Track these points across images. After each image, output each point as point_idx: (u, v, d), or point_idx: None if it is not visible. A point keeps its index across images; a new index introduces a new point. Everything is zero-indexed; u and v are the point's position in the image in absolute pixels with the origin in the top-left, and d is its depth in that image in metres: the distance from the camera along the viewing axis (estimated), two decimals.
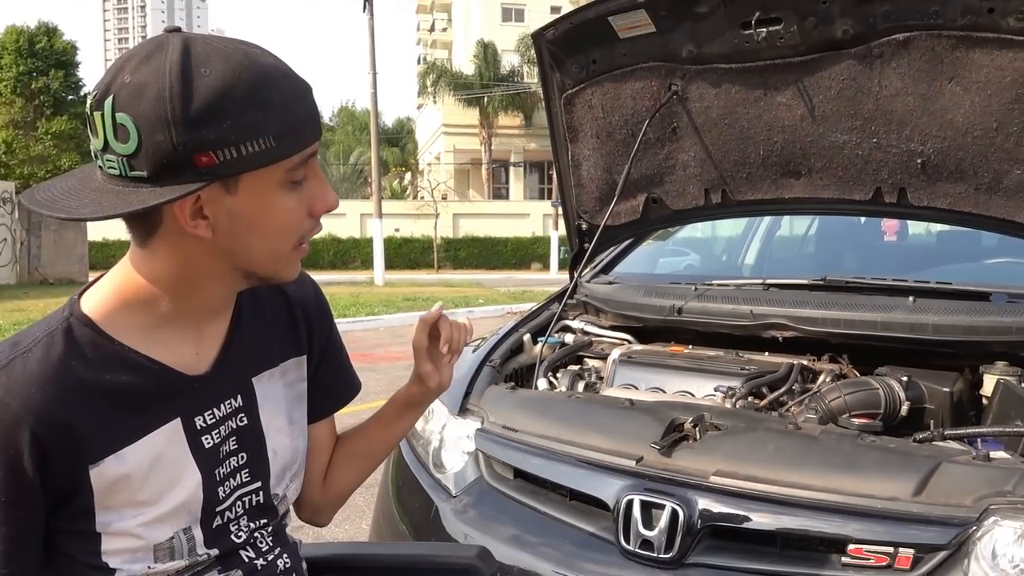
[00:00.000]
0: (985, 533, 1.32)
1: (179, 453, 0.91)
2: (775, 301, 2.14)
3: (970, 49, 1.68)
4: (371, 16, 19.42)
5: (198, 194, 0.81)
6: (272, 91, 0.81)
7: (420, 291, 16.58)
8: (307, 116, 0.85)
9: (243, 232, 0.85)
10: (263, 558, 1.01)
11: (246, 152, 0.80)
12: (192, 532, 0.93)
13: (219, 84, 0.79)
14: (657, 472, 1.58)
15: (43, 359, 0.84)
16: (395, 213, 30.29)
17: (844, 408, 1.74)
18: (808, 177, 2.06)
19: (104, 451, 0.85)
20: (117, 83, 0.79)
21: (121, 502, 0.88)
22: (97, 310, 0.88)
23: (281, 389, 1.05)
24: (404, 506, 2.00)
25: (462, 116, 36.56)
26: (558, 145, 2.39)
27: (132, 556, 0.89)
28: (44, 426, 0.82)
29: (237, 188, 0.83)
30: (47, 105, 25.31)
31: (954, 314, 1.87)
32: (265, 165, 0.82)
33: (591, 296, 2.49)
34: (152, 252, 0.86)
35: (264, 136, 0.80)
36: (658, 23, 1.96)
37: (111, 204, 0.80)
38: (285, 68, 0.85)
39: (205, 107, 0.78)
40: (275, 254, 0.89)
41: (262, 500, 1.02)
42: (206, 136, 0.78)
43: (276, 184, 0.85)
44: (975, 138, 1.77)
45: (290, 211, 0.87)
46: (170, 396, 0.91)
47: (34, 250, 19.17)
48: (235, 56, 0.81)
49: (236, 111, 0.79)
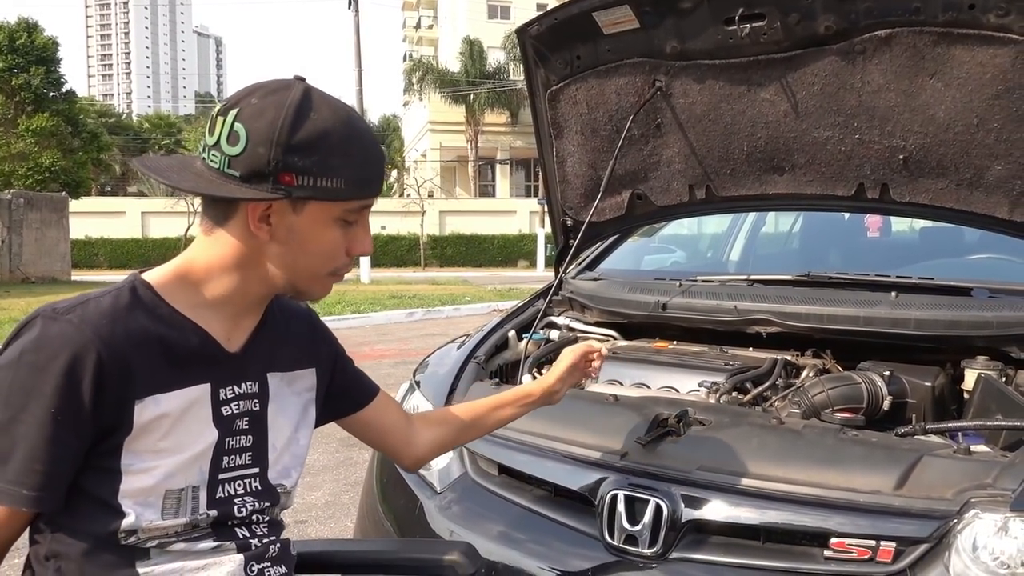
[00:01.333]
0: (966, 526, 1.33)
1: (203, 413, 1.05)
2: (759, 297, 2.15)
3: (951, 45, 1.68)
4: (357, 13, 19.35)
5: (271, 203, 0.99)
6: (358, 147, 1.01)
7: (406, 288, 16.55)
8: (376, 176, 1.05)
9: (294, 246, 1.03)
10: (257, 540, 1.10)
11: (321, 184, 0.98)
12: (199, 492, 1.04)
13: (321, 127, 0.98)
14: (641, 467, 1.58)
15: (113, 303, 1.00)
16: (381, 211, 30.15)
17: (827, 403, 1.75)
18: (791, 173, 2.07)
19: (149, 391, 0.99)
20: (244, 101, 0.98)
21: (147, 446, 0.99)
22: (157, 280, 1.04)
23: (289, 394, 1.18)
24: (389, 503, 1.99)
25: (448, 113, 36.51)
26: (543, 141, 2.38)
27: (144, 500, 0.99)
28: (109, 354, 0.95)
29: (303, 211, 1.01)
30: (28, 102, 24.99)
31: (936, 309, 1.88)
32: (330, 200, 1.00)
33: (576, 292, 2.49)
34: (215, 240, 1.03)
35: (339, 178, 0.99)
36: (642, 19, 1.96)
37: (207, 186, 0.99)
38: (373, 137, 1.05)
39: (304, 140, 0.97)
40: (312, 273, 1.07)
41: (260, 487, 1.11)
42: (295, 162, 0.97)
43: (332, 218, 1.03)
44: (956, 134, 1.78)
45: (335, 243, 1.05)
46: (206, 362, 1.05)
47: (15, 248, 18.97)
48: (341, 112, 1.01)
49: (326, 151, 0.98)
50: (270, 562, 1.10)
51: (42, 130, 24.60)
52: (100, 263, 29.69)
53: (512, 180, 40.26)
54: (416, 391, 2.15)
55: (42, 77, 25.07)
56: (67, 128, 25.75)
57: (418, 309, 12.51)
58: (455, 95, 35.42)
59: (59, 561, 0.99)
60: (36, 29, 25.41)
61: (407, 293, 15.10)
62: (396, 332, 10.35)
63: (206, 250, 1.04)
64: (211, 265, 1.04)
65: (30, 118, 24.73)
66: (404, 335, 9.99)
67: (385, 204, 31.50)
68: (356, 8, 19.27)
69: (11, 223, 18.80)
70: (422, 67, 36.92)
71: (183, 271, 1.05)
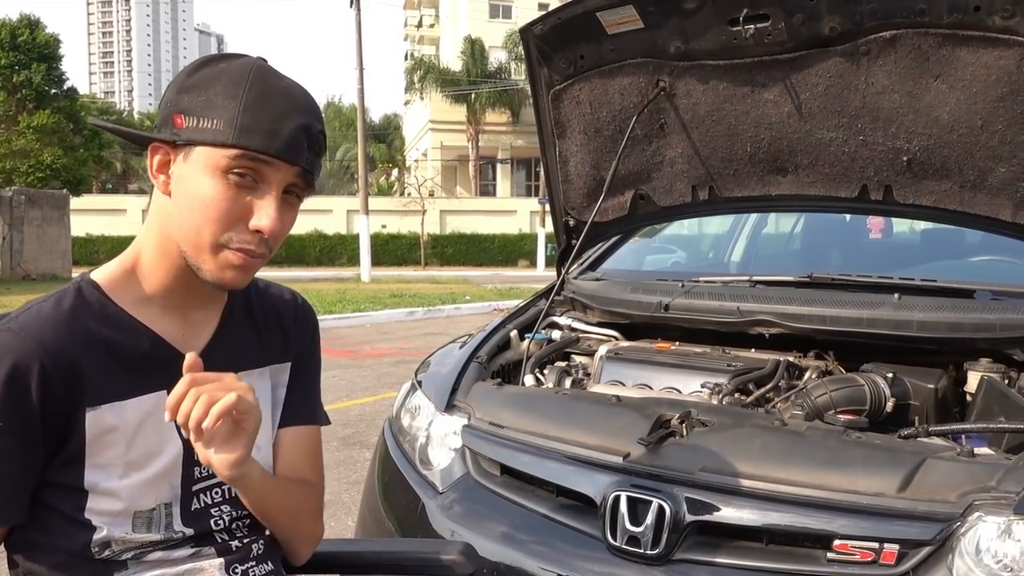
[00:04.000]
0: (969, 528, 1.32)
1: (164, 422, 0.95)
2: (762, 298, 2.14)
3: (956, 47, 1.68)
4: (358, 11, 19.32)
5: (168, 151, 0.93)
6: (251, 91, 0.91)
7: (407, 287, 16.54)
8: (270, 128, 0.91)
9: (180, 199, 0.93)
10: (238, 541, 1.05)
11: (200, 125, 0.90)
12: (172, 509, 0.99)
13: (219, 73, 0.92)
14: (644, 468, 1.58)
15: (55, 307, 0.94)
16: (382, 209, 30.15)
17: (830, 404, 1.75)
18: (795, 174, 2.07)
19: (101, 398, 0.93)
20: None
21: (111, 459, 0.94)
22: (103, 278, 0.98)
23: (266, 390, 1.10)
24: (390, 503, 1.99)
25: (449, 112, 36.46)
26: (545, 141, 2.38)
27: (113, 519, 0.94)
28: (53, 361, 0.89)
29: (189, 156, 0.92)
30: (29, 99, 24.97)
31: (939, 311, 1.88)
32: (208, 144, 0.91)
33: (578, 292, 2.49)
34: (150, 216, 0.98)
35: (221, 119, 0.90)
36: (646, 19, 1.96)
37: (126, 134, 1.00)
38: (294, 94, 0.94)
39: (197, 80, 0.92)
40: (197, 236, 0.93)
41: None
42: (184, 101, 0.92)
43: (217, 168, 0.91)
44: (960, 136, 1.78)
45: (219, 198, 0.91)
46: (162, 365, 0.97)
47: (16, 245, 18.96)
48: (254, 67, 0.93)
49: (212, 92, 0.91)
50: (255, 561, 1.06)
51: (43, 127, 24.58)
52: (101, 260, 29.04)
53: (513, 180, 40.24)
54: (418, 391, 2.15)
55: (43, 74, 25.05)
56: (68, 125, 25.72)
57: (419, 308, 12.51)
58: (456, 94, 35.37)
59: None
60: (38, 26, 25.39)
61: (408, 292, 15.10)
62: (397, 331, 10.35)
63: (146, 231, 0.98)
64: (143, 246, 0.97)
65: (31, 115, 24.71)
66: (405, 334, 9.99)
67: (385, 203, 31.51)
68: (358, 7, 19.25)
69: (12, 220, 18.79)
70: (423, 66, 36.87)
71: (128, 265, 0.98)
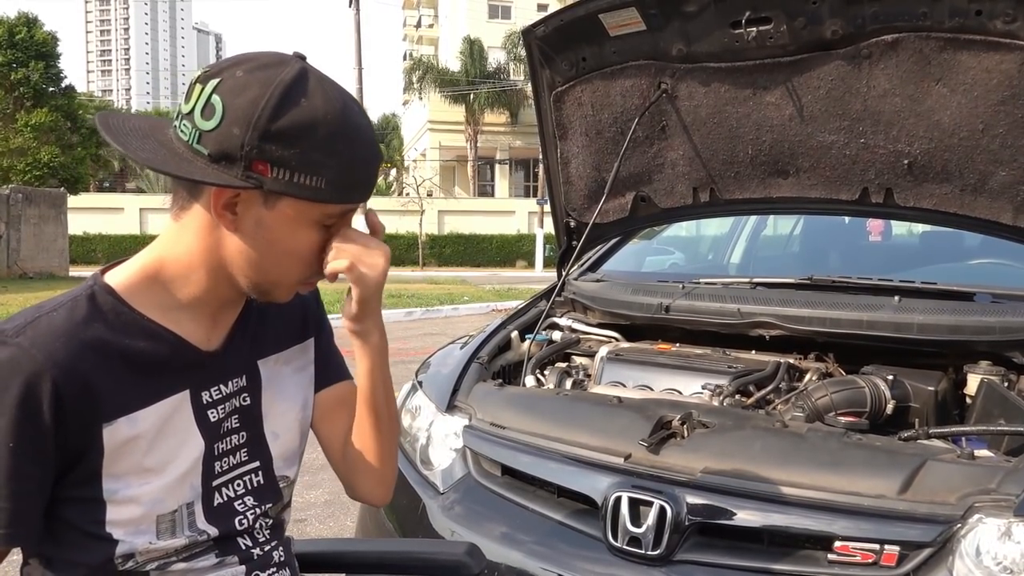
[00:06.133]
0: (969, 531, 1.33)
1: (185, 423, 0.96)
2: (762, 300, 2.15)
3: (958, 51, 1.69)
4: (357, 11, 19.33)
5: (239, 192, 0.88)
6: (346, 146, 0.89)
7: (405, 288, 16.53)
8: (364, 181, 0.92)
9: (261, 243, 0.91)
10: (260, 548, 1.04)
11: (297, 181, 0.87)
12: (193, 507, 0.97)
13: (309, 117, 0.86)
14: (645, 469, 1.58)
15: (67, 318, 0.89)
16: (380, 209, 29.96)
17: (830, 406, 1.75)
18: (796, 177, 2.07)
19: (118, 412, 0.90)
20: (228, 72, 0.87)
21: (128, 468, 0.91)
22: (120, 283, 0.94)
23: (289, 373, 1.10)
24: (391, 503, 1.98)
25: (448, 113, 36.46)
26: (547, 142, 2.38)
27: (135, 528, 0.92)
28: (65, 378, 0.86)
29: (276, 205, 0.89)
30: (27, 96, 24.95)
31: (939, 314, 1.89)
32: (306, 200, 0.88)
33: (579, 293, 2.49)
34: (182, 228, 0.93)
35: (320, 178, 0.87)
36: (648, 21, 1.96)
37: (169, 163, 0.87)
38: (369, 135, 0.93)
39: (286, 128, 0.85)
40: (281, 277, 0.95)
41: (263, 481, 1.05)
42: (272, 151, 0.86)
43: (310, 219, 0.91)
44: (961, 139, 1.79)
45: (311, 246, 0.93)
46: (182, 368, 0.96)
47: (13, 244, 18.92)
48: (336, 102, 0.88)
49: (309, 145, 0.86)
50: (275, 568, 1.05)
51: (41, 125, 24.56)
52: (98, 259, 29.60)
53: (511, 180, 40.24)
54: (418, 391, 2.15)
55: (41, 72, 25.03)
56: (66, 123, 25.71)
57: (417, 308, 12.50)
58: (455, 94, 35.37)
59: None
60: (36, 24, 25.37)
61: (405, 292, 15.08)
62: (395, 331, 10.33)
63: (175, 242, 0.93)
64: (179, 259, 0.93)
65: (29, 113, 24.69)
66: (403, 334, 9.99)
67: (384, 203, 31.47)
68: (357, 6, 19.25)
69: (9, 218, 18.74)
70: (422, 66, 36.87)
71: (151, 271, 0.94)
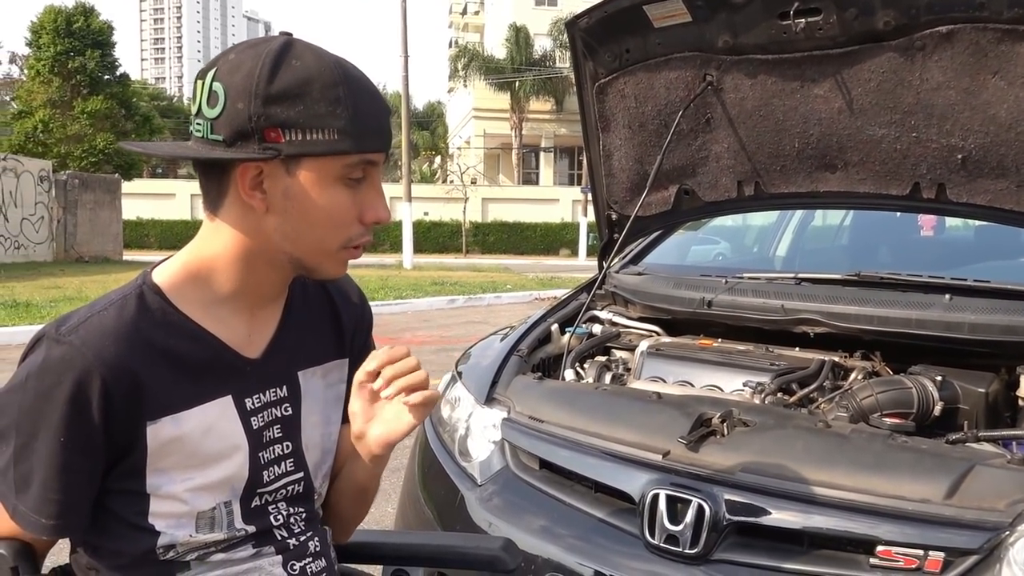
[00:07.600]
0: (1019, 538, 1.29)
1: (232, 427, 0.98)
2: (807, 296, 2.11)
3: (1016, 43, 1.63)
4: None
5: (260, 167, 0.89)
6: (348, 93, 0.89)
7: (448, 275, 16.63)
8: (376, 126, 0.92)
9: (294, 215, 0.91)
10: (295, 539, 1.06)
11: (310, 138, 0.88)
12: (232, 506, 0.98)
13: (303, 73, 0.87)
14: (684, 467, 1.57)
15: (117, 318, 0.91)
16: (425, 197, 30.36)
17: (876, 407, 1.72)
18: (844, 171, 2.03)
19: (163, 411, 0.92)
20: (222, 59, 0.90)
21: (171, 465, 0.93)
22: (166, 281, 0.95)
23: (322, 388, 1.09)
24: (429, 491, 2.01)
25: (493, 100, 36.48)
26: (589, 134, 2.37)
27: (176, 521, 0.94)
28: (114, 376, 0.88)
29: (297, 170, 0.89)
30: (83, 84, 25.63)
31: (992, 313, 1.83)
32: (324, 155, 0.89)
33: (620, 287, 2.48)
34: (219, 226, 0.94)
35: (329, 128, 0.88)
36: (694, 12, 1.93)
37: (189, 150, 0.91)
38: (369, 83, 0.92)
39: (285, 88, 0.87)
40: (321, 245, 0.95)
41: (302, 490, 1.06)
42: (279, 114, 0.87)
43: (333, 177, 0.91)
44: (1018, 134, 1.73)
45: (341, 206, 0.92)
46: (224, 373, 0.97)
47: (70, 228, 19.51)
48: (327, 58, 0.90)
49: (311, 100, 0.87)
50: (311, 557, 1.07)
51: (96, 112, 25.22)
52: (151, 243, 30.39)
53: (556, 168, 40.14)
54: (458, 382, 2.17)
55: (97, 60, 25.69)
56: (120, 111, 26.37)
57: (459, 296, 12.56)
58: (500, 82, 35.36)
59: (100, 574, 0.97)
60: (92, 13, 26.03)
61: (448, 280, 15.18)
62: (437, 319, 10.41)
63: (210, 238, 0.95)
64: (216, 254, 0.95)
65: (85, 101, 25.36)
66: (445, 322, 10.05)
67: (428, 190, 31.70)
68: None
69: (66, 203, 19.33)
70: (468, 53, 36.92)
71: (191, 267, 0.96)
